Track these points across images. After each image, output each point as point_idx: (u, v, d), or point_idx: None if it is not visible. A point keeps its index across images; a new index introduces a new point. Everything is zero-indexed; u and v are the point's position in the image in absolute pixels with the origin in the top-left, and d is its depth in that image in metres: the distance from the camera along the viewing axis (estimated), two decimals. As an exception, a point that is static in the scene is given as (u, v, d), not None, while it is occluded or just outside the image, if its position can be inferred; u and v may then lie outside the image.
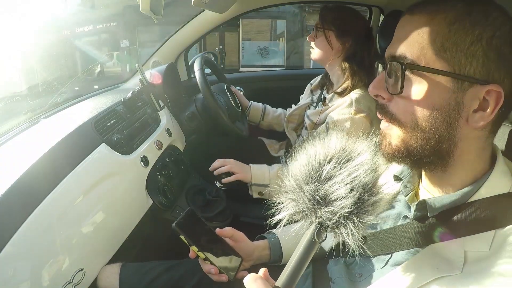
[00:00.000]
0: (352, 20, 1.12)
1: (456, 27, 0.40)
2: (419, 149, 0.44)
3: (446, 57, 0.41)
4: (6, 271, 0.57)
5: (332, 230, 0.41)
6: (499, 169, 0.45)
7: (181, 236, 0.61)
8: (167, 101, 1.35)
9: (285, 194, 0.43)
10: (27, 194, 0.65)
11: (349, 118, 1.02)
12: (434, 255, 0.44)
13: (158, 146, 1.09)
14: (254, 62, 8.86)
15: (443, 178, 0.47)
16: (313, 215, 0.41)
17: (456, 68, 0.41)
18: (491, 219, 0.42)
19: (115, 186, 0.85)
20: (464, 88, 0.41)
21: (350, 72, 1.09)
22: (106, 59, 7.09)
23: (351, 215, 0.39)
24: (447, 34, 0.41)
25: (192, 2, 0.93)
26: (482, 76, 0.40)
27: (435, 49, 0.41)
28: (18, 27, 1.49)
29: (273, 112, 1.49)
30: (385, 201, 0.42)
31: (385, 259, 0.51)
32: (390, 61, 0.44)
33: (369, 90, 0.48)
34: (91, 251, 0.76)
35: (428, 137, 0.43)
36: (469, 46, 0.40)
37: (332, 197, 0.40)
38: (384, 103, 0.47)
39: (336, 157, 0.41)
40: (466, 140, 0.43)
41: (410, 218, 0.49)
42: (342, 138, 0.43)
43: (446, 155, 0.44)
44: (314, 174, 0.41)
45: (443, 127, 0.42)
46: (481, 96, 0.41)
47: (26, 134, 0.89)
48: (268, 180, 1.11)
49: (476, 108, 0.41)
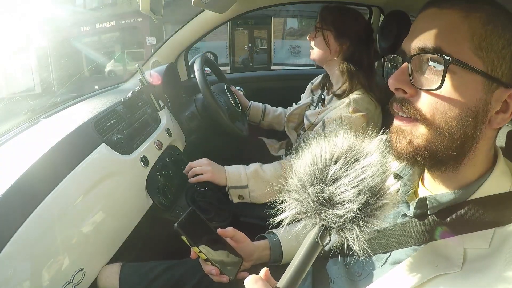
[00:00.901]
0: (352, 22, 1.11)
1: (491, 28, 0.41)
2: (444, 150, 0.42)
3: (482, 56, 0.40)
4: (6, 271, 0.57)
5: (337, 233, 0.39)
6: (500, 168, 0.45)
7: (183, 237, 0.61)
8: (167, 101, 1.35)
9: (288, 194, 0.42)
10: (27, 194, 0.65)
11: (346, 116, 1.03)
12: (434, 253, 0.44)
13: (158, 146, 1.09)
14: (285, 61, 8.79)
15: (449, 177, 0.46)
16: (317, 217, 0.39)
17: (489, 68, 0.41)
18: (491, 217, 0.42)
19: (115, 186, 0.85)
20: (492, 90, 0.41)
21: (348, 74, 1.09)
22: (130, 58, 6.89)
23: (357, 219, 0.38)
24: (483, 34, 0.40)
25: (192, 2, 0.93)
26: (507, 79, 0.41)
27: (472, 47, 0.40)
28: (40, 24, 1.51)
29: (274, 111, 1.49)
30: (392, 204, 0.40)
31: (384, 258, 0.51)
32: (420, 54, 0.42)
33: (389, 83, 0.45)
34: (91, 251, 0.76)
35: (455, 137, 0.41)
36: (501, 49, 0.41)
37: (338, 199, 0.38)
38: (406, 97, 0.44)
39: (343, 157, 0.39)
40: (483, 139, 0.44)
41: (410, 216, 0.49)
42: (349, 136, 0.41)
43: (463, 155, 0.43)
44: (319, 175, 0.39)
45: (471, 126, 0.41)
46: (503, 98, 0.42)
47: (26, 134, 0.89)
48: (245, 180, 1.05)
49: (498, 110, 0.42)
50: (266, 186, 1.02)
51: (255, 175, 1.06)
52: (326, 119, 1.07)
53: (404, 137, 0.45)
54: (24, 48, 1.48)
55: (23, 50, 1.35)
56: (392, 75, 0.44)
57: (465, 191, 0.44)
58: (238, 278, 0.63)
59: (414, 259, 0.46)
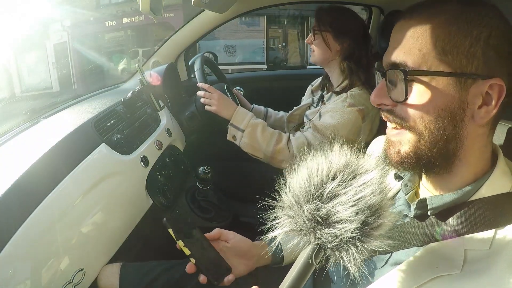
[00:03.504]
0: (349, 20, 1.13)
1: (455, 29, 0.41)
2: (428, 152, 0.44)
3: (448, 60, 0.41)
4: (6, 271, 0.57)
5: (332, 253, 0.37)
6: (500, 168, 0.45)
7: (170, 230, 0.62)
8: (167, 101, 1.35)
9: (282, 210, 0.40)
10: (27, 194, 0.65)
11: (341, 109, 1.05)
12: (434, 254, 0.44)
13: (158, 146, 1.09)
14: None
15: (445, 177, 0.47)
16: (311, 236, 0.37)
17: (458, 69, 0.41)
18: (491, 218, 0.42)
19: (115, 186, 0.85)
20: (467, 87, 0.41)
21: (348, 71, 1.11)
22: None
23: (355, 239, 0.36)
24: (446, 37, 0.41)
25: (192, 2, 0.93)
26: (484, 71, 0.41)
27: (436, 53, 0.41)
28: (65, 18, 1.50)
29: (275, 114, 1.49)
30: (391, 223, 0.39)
31: (385, 259, 0.51)
32: (390, 69, 0.44)
33: (371, 100, 0.48)
34: (91, 251, 0.76)
35: (436, 139, 0.43)
36: (469, 48, 0.40)
37: (335, 218, 0.36)
38: (389, 108, 0.47)
39: (341, 174, 0.38)
40: (471, 138, 0.44)
41: (410, 216, 0.49)
42: (345, 151, 0.40)
43: (452, 155, 0.44)
44: (315, 192, 0.37)
45: (450, 127, 0.42)
46: (484, 91, 0.41)
47: (26, 134, 0.89)
48: (244, 125, 1.11)
49: (480, 104, 0.42)
50: (255, 142, 1.10)
51: (255, 128, 1.11)
52: (322, 110, 1.10)
53: (393, 147, 0.47)
54: (42, 44, 1.46)
55: (40, 47, 1.34)
56: (373, 92, 0.47)
57: (465, 192, 0.44)
58: (223, 284, 0.62)
59: (414, 260, 0.45)
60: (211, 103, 1.16)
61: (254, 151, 1.11)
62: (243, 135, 1.11)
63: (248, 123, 1.12)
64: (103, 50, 6.65)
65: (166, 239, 0.63)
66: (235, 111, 1.14)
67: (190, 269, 0.62)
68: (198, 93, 1.20)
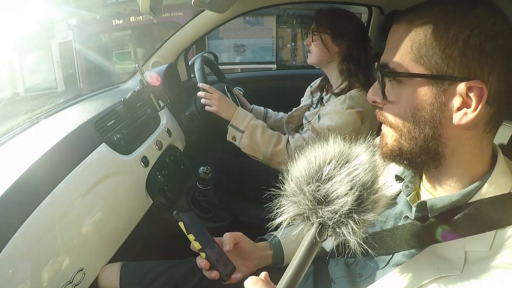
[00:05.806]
0: (347, 22, 1.14)
1: (431, 32, 0.42)
2: (409, 148, 0.46)
3: (423, 62, 0.42)
4: (6, 271, 0.57)
5: (333, 230, 0.40)
6: (500, 169, 0.45)
7: (180, 223, 0.62)
8: (167, 101, 1.35)
9: (286, 198, 0.44)
10: (27, 194, 0.65)
11: (340, 111, 1.06)
12: (435, 255, 0.44)
13: (158, 146, 1.09)
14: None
15: (441, 178, 0.47)
16: (314, 216, 0.41)
17: (434, 71, 0.42)
18: (491, 219, 0.42)
19: (115, 186, 0.85)
20: (444, 88, 0.42)
21: (347, 73, 1.12)
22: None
23: (352, 213, 0.39)
24: (422, 40, 0.42)
25: (192, 2, 0.93)
26: (462, 74, 0.41)
27: (412, 56, 0.43)
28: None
29: (275, 115, 1.49)
30: (384, 200, 0.42)
31: (386, 259, 0.51)
32: (377, 70, 0.47)
33: (367, 97, 0.51)
34: (91, 251, 0.76)
35: (414, 136, 0.45)
36: (444, 49, 0.41)
37: (333, 195, 0.40)
38: (381, 107, 0.50)
39: (335, 159, 0.42)
40: (456, 140, 0.44)
41: (411, 218, 0.49)
42: (339, 142, 0.44)
43: (436, 154, 0.45)
44: (314, 175, 0.41)
45: (427, 127, 0.44)
46: (463, 93, 0.41)
47: (26, 134, 0.88)
48: (244, 126, 1.12)
49: (459, 106, 0.42)
50: (255, 143, 1.11)
51: (254, 129, 1.11)
52: (321, 112, 1.11)
53: (383, 139, 0.51)
54: (46, 43, 1.45)
55: (44, 46, 1.33)
56: (369, 90, 0.51)
57: (465, 193, 0.44)
58: (230, 281, 0.62)
59: (415, 261, 0.46)
60: (211, 103, 1.16)
61: (253, 152, 1.12)
62: (242, 136, 1.12)
63: (248, 124, 1.12)
64: (110, 49, 6.62)
65: (166, 239, 0.63)
66: (235, 112, 1.14)
67: (205, 264, 0.62)
68: (198, 93, 1.20)
